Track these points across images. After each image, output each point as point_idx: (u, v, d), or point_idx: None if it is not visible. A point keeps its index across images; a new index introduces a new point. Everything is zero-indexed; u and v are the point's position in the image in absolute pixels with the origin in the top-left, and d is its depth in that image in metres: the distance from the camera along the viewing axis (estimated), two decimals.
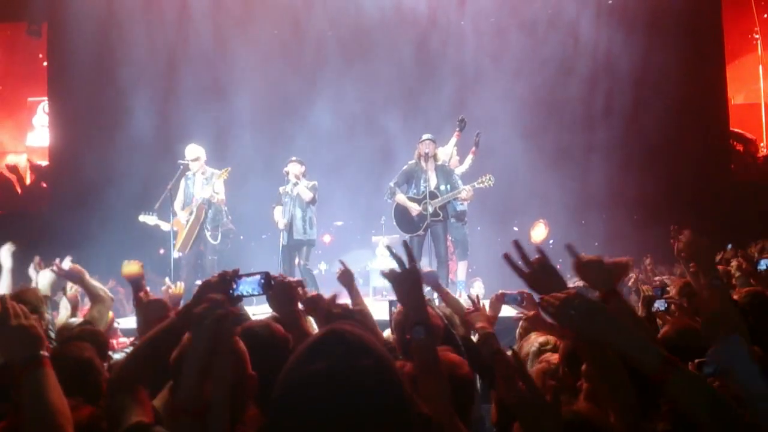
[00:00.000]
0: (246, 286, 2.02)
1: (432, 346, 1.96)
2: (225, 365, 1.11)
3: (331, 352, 1.12)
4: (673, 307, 3.71)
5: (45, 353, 1.70)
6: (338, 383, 1.09)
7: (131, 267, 3.39)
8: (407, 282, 1.99)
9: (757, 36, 11.93)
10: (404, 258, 2.03)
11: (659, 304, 3.75)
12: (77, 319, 3.94)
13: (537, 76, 10.95)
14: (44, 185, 12.26)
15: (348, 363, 1.11)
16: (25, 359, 1.68)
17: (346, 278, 3.50)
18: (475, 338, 3.36)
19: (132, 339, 3.77)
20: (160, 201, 8.00)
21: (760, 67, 11.91)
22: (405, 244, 2.08)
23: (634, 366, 1.56)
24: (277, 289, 2.28)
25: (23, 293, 3.38)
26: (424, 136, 7.80)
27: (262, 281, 2.03)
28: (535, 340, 3.11)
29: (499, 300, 3.60)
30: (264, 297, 2.24)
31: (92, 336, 2.94)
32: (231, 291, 2.00)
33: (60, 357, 2.37)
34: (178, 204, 8.07)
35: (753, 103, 12.12)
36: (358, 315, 2.86)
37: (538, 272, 1.86)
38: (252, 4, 11.37)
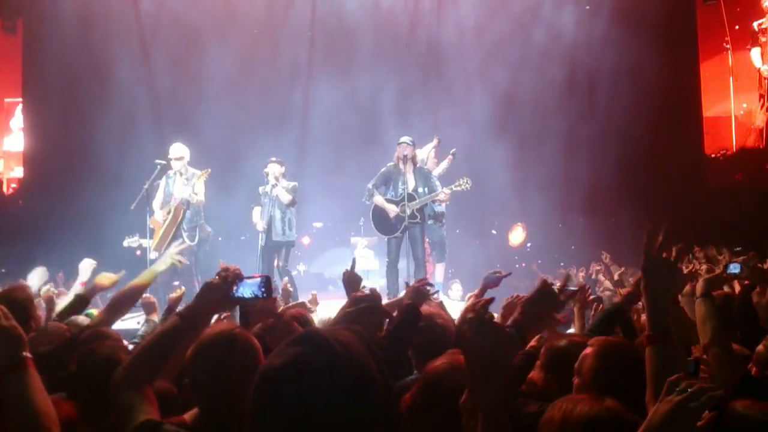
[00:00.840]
0: (246, 289, 2.06)
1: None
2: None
3: (288, 352, 1.15)
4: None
5: (27, 354, 1.68)
6: (286, 380, 1.12)
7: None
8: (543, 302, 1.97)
9: (727, 46, 11.98)
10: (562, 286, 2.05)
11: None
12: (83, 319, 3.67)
13: (516, 81, 10.97)
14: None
15: (300, 362, 1.13)
16: (7, 361, 1.65)
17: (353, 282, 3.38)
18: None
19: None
20: (137, 200, 7.91)
21: (731, 78, 11.89)
22: (567, 277, 2.06)
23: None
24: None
25: (11, 292, 3.25)
26: (403, 139, 7.80)
27: (263, 285, 2.06)
28: None
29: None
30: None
31: (109, 335, 2.86)
32: (231, 293, 2.04)
33: (92, 357, 2.37)
34: (156, 203, 8.00)
35: (725, 116, 12.17)
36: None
37: (664, 262, 1.85)
38: (233, 3, 11.29)
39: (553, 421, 1.57)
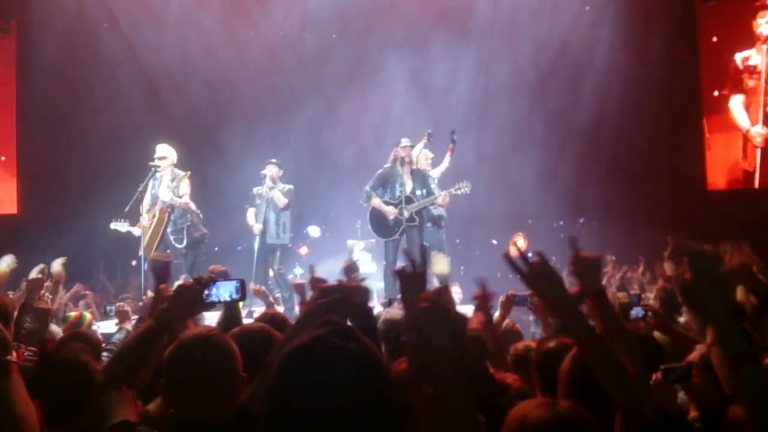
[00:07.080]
0: (221, 291, 2.10)
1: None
2: None
3: (318, 332, 1.24)
4: (650, 313, 3.74)
5: (12, 359, 1.70)
6: (318, 356, 1.20)
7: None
8: (414, 284, 2.08)
9: None
10: (418, 260, 2.16)
11: (636, 311, 3.80)
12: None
13: (515, 89, 10.84)
14: None
15: (331, 341, 1.22)
16: None
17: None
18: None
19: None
20: (131, 204, 7.71)
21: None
22: (423, 247, 2.15)
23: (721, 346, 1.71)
24: None
25: None
26: (403, 141, 7.71)
27: (238, 288, 2.12)
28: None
29: (510, 300, 3.72)
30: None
31: (86, 337, 2.87)
32: (206, 295, 2.07)
33: (55, 359, 2.34)
34: (144, 206, 7.79)
35: None
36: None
37: (536, 273, 1.95)
38: (235, 8, 11.18)
39: (512, 425, 1.64)
